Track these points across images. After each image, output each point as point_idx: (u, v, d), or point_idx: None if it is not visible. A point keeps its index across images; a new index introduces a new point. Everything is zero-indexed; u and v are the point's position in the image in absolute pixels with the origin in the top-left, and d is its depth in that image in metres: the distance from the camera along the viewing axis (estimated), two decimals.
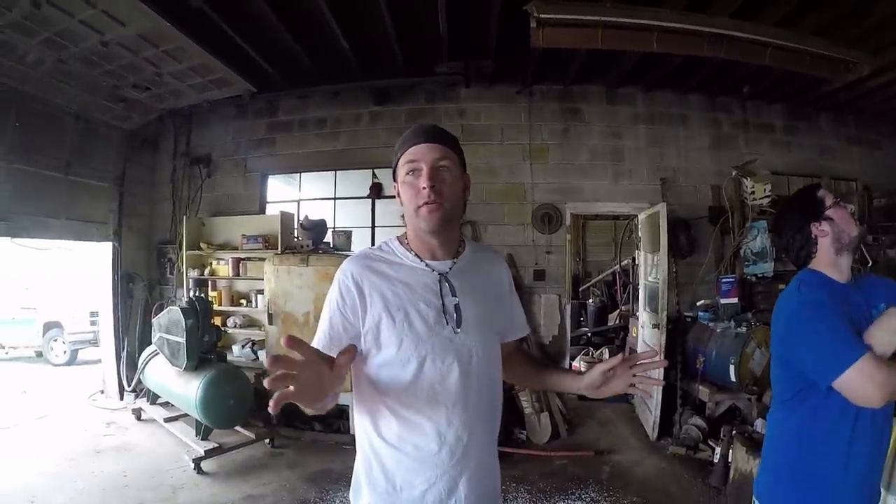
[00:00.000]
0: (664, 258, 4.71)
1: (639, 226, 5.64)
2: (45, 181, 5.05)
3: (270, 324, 4.96)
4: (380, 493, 1.18)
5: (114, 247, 5.86)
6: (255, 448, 4.49)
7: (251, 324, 5.80)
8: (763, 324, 4.32)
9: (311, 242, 5.18)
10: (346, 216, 6.29)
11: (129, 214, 6.09)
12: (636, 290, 6.22)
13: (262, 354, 5.35)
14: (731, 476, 3.41)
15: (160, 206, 6.44)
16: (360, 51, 4.96)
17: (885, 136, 6.39)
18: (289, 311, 4.87)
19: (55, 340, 8.66)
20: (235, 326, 5.77)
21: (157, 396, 5.10)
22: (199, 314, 4.40)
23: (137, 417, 5.21)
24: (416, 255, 1.25)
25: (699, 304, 5.09)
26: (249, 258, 5.73)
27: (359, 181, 6.14)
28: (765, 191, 5.06)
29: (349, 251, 5.32)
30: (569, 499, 3.66)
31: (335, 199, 6.28)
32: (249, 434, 4.55)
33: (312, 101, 6.06)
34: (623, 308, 7.93)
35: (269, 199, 6.37)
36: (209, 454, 4.13)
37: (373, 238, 6.04)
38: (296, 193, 6.58)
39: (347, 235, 5.62)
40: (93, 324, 8.19)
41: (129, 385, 5.71)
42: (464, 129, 5.59)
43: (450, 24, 4.37)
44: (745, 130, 5.95)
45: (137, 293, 6.09)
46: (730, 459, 3.54)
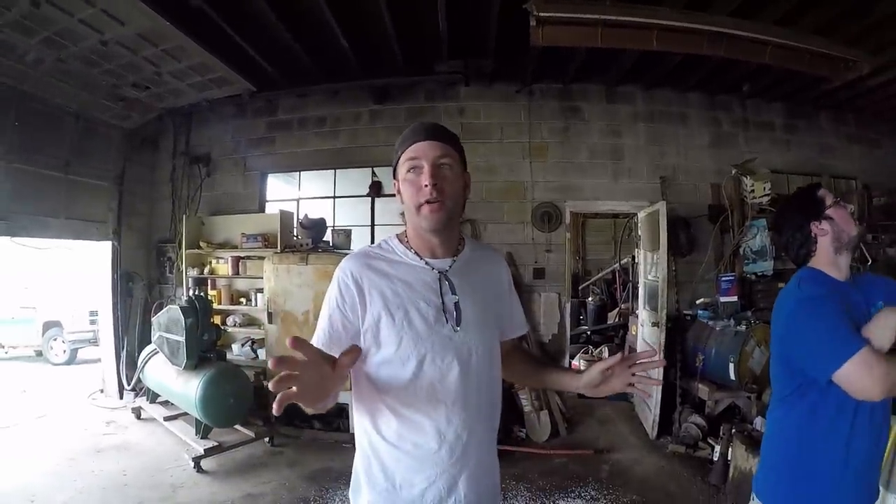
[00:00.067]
0: (664, 256, 4.71)
1: (638, 224, 5.64)
2: (45, 180, 5.04)
3: (270, 322, 4.97)
4: (379, 492, 1.18)
5: (113, 246, 5.86)
6: (255, 447, 4.49)
7: (251, 322, 5.79)
8: (763, 322, 4.32)
9: (311, 241, 5.17)
10: (346, 215, 6.29)
11: (129, 213, 6.09)
12: (636, 289, 6.22)
13: (262, 353, 5.36)
14: (731, 474, 3.41)
15: (160, 205, 6.44)
16: (360, 50, 4.95)
17: (885, 135, 6.39)
18: (288, 310, 4.87)
19: (55, 340, 8.64)
20: (235, 325, 5.76)
21: (157, 395, 5.10)
22: (199, 313, 4.40)
23: (137, 416, 5.22)
24: (416, 254, 1.25)
25: (699, 303, 5.09)
26: (249, 257, 5.73)
27: (358, 180, 6.14)
28: (764, 189, 5.07)
29: (349, 250, 5.31)
30: (568, 497, 3.66)
31: (335, 198, 6.28)
32: (249, 433, 4.56)
33: (312, 100, 6.06)
34: (622, 306, 7.95)
35: (269, 198, 6.37)
36: (209, 453, 4.13)
37: (372, 237, 6.03)
38: (295, 192, 6.59)
39: (347, 234, 5.62)
40: (92, 323, 8.18)
41: (129, 384, 5.71)
42: (463, 128, 5.58)
43: (449, 23, 4.36)
44: (745, 129, 5.94)
45: (137, 292, 6.09)
46: (729, 458, 3.55)
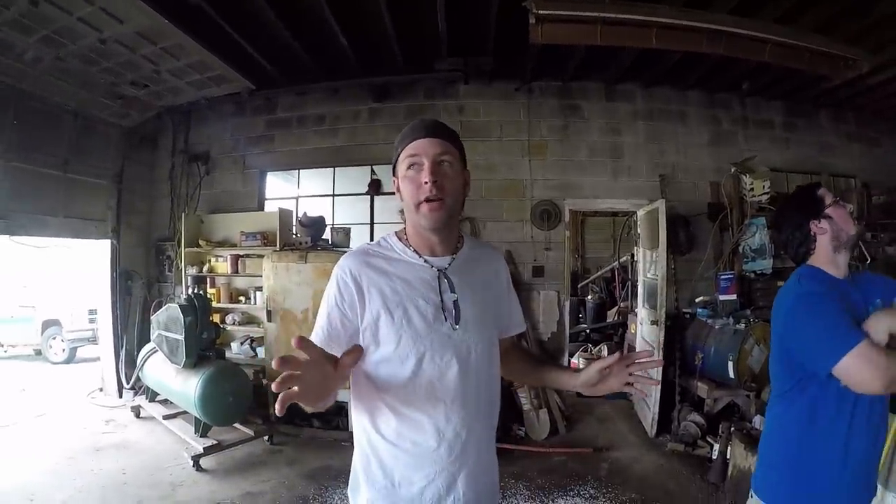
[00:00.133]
0: (663, 255, 4.71)
1: (637, 222, 5.64)
2: (44, 179, 5.04)
3: (269, 321, 4.96)
4: (378, 490, 1.18)
5: (112, 244, 5.85)
6: (254, 445, 4.49)
7: (250, 321, 5.80)
8: (762, 320, 4.32)
9: (310, 239, 5.16)
10: (345, 213, 6.29)
11: (128, 212, 6.08)
12: (635, 287, 6.23)
13: (261, 351, 5.35)
14: (730, 472, 3.42)
15: (159, 204, 6.43)
16: (360, 48, 4.95)
17: (885, 134, 6.39)
18: (287, 308, 4.86)
19: (54, 338, 8.64)
20: (234, 323, 5.76)
21: (156, 394, 5.10)
22: (198, 311, 4.39)
23: (136, 415, 5.21)
24: (415, 251, 1.24)
25: (698, 301, 5.08)
26: (248, 255, 5.72)
27: (357, 178, 6.14)
28: (764, 187, 5.06)
29: (348, 248, 5.30)
30: (567, 495, 3.66)
31: (334, 196, 6.27)
32: (248, 431, 4.55)
33: (311, 98, 6.05)
34: (622, 305, 7.96)
35: (268, 196, 6.37)
36: (208, 451, 4.13)
37: (371, 235, 6.03)
38: (294, 190, 6.58)
39: (346, 232, 5.61)
40: (91, 321, 8.18)
41: (128, 382, 5.71)
42: (463, 126, 5.56)
43: (449, 21, 4.35)
44: (745, 127, 5.94)
45: (136, 290, 6.09)
46: (728, 456, 3.55)
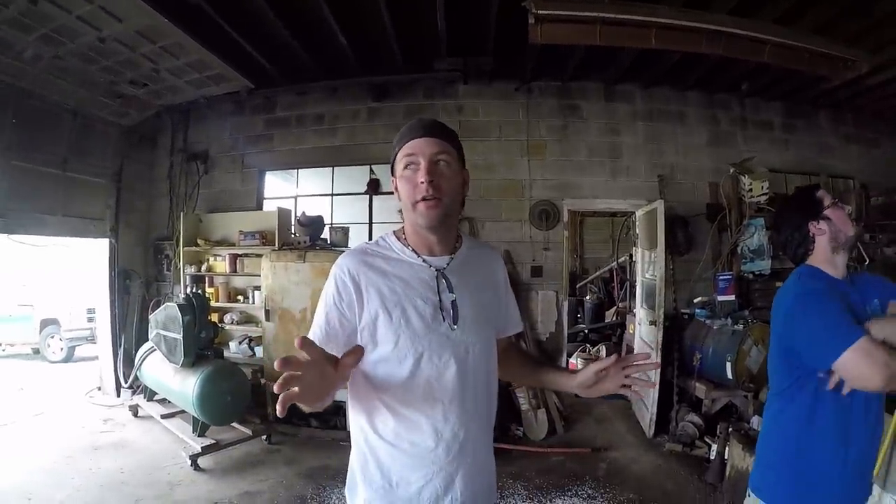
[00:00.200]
0: (661, 255, 4.71)
1: (636, 223, 5.63)
2: (42, 178, 5.03)
3: (267, 320, 4.96)
4: (376, 489, 1.17)
5: (111, 243, 5.84)
6: (252, 444, 4.49)
7: (248, 320, 5.79)
8: (760, 321, 4.32)
9: (309, 239, 5.16)
10: (344, 212, 6.28)
11: (127, 211, 6.07)
12: (633, 287, 6.22)
13: (259, 351, 5.35)
14: (728, 473, 3.42)
15: (157, 203, 6.42)
16: (359, 47, 4.94)
17: (884, 135, 6.40)
18: (286, 308, 4.86)
19: (52, 337, 8.63)
20: (232, 323, 5.75)
21: (154, 393, 5.09)
22: (196, 310, 4.39)
23: (134, 414, 5.20)
24: (414, 251, 1.24)
25: (696, 301, 5.09)
26: (246, 254, 5.72)
27: (356, 177, 6.13)
28: (762, 188, 5.07)
29: (346, 247, 5.30)
30: (565, 495, 3.66)
31: (332, 196, 6.27)
32: (246, 430, 4.55)
33: (310, 98, 6.04)
34: (620, 305, 7.96)
35: (267, 196, 6.36)
36: (206, 451, 4.13)
37: (370, 234, 6.02)
38: (293, 190, 6.59)
39: (345, 232, 5.61)
40: (90, 320, 8.15)
41: (126, 382, 5.70)
42: (462, 126, 5.56)
43: (448, 21, 4.35)
44: (744, 128, 5.94)
45: (134, 290, 6.08)
46: (726, 456, 3.56)
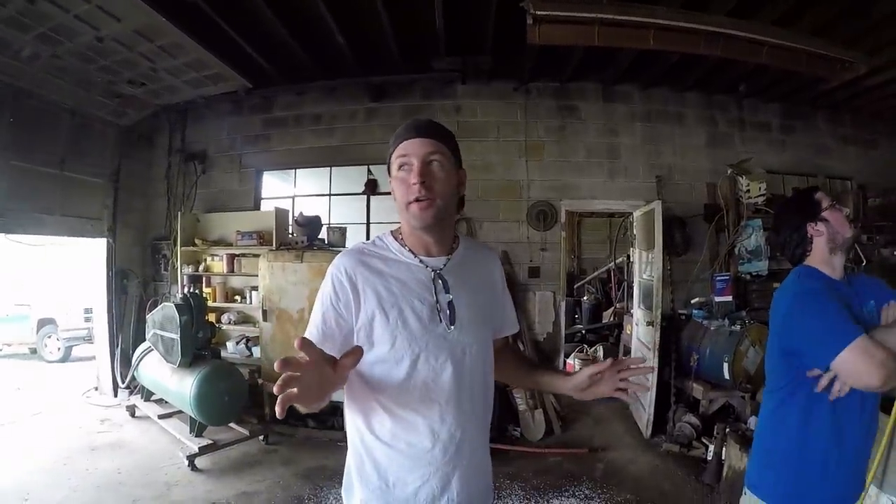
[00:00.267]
0: (659, 256, 4.71)
1: (634, 223, 5.63)
2: (40, 177, 5.01)
3: (265, 320, 4.95)
4: (372, 490, 1.17)
5: (108, 243, 5.83)
6: (250, 445, 4.48)
7: (245, 320, 5.79)
8: (757, 322, 4.33)
9: (306, 239, 5.15)
10: (341, 213, 6.28)
11: (124, 210, 6.05)
12: (631, 288, 6.22)
13: (257, 351, 5.34)
14: (725, 473, 3.42)
15: (155, 203, 6.41)
16: (357, 46, 4.94)
17: (882, 136, 6.41)
18: (283, 308, 4.85)
19: (49, 337, 8.60)
20: (230, 323, 5.75)
21: (152, 393, 5.08)
22: (194, 310, 4.38)
23: (131, 414, 5.19)
24: (411, 251, 1.24)
25: (693, 302, 5.10)
26: (244, 254, 5.71)
27: (354, 177, 6.13)
28: (760, 189, 5.07)
29: (344, 248, 5.29)
30: (562, 496, 3.66)
31: (330, 196, 6.27)
32: (243, 431, 4.54)
33: (308, 97, 6.04)
34: (618, 305, 7.97)
35: (264, 196, 6.35)
36: (203, 451, 4.12)
37: (367, 234, 6.02)
38: (291, 190, 6.58)
39: (342, 232, 5.61)
40: (87, 320, 8.13)
41: (124, 382, 5.68)
42: (460, 126, 5.56)
43: (447, 20, 4.35)
44: (742, 129, 5.96)
45: (132, 289, 6.07)
46: (723, 457, 3.56)
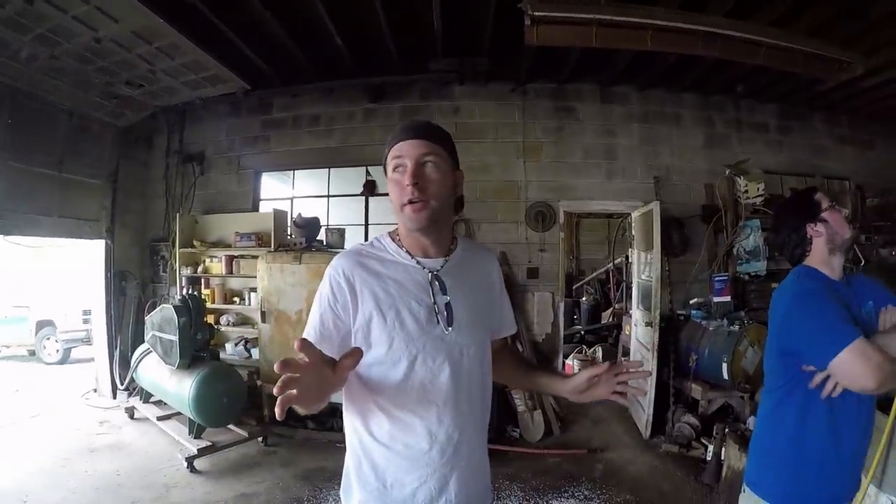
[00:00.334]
0: (657, 256, 4.71)
1: (632, 224, 5.65)
2: (38, 178, 5.00)
3: (263, 322, 4.95)
4: (370, 491, 1.17)
5: (106, 244, 5.82)
6: (249, 446, 4.48)
7: (244, 322, 5.78)
8: (756, 322, 4.34)
9: (305, 240, 5.15)
10: (340, 214, 6.28)
11: (122, 212, 6.04)
12: (629, 289, 6.23)
13: (255, 352, 5.34)
14: (724, 474, 3.43)
15: (153, 204, 6.40)
16: (355, 48, 4.95)
17: (879, 136, 6.42)
18: (282, 309, 4.85)
19: (48, 339, 8.58)
20: (228, 324, 5.75)
21: (150, 395, 5.07)
22: (192, 312, 4.38)
23: (130, 416, 5.18)
24: (408, 253, 1.24)
25: (692, 303, 5.11)
26: (243, 256, 5.71)
27: (352, 179, 6.13)
28: (758, 190, 5.09)
29: (342, 249, 5.28)
30: (562, 497, 3.66)
31: (329, 197, 6.27)
32: (242, 432, 4.54)
33: (306, 99, 6.04)
34: (616, 306, 7.97)
35: (263, 197, 6.35)
36: (202, 452, 4.11)
37: (366, 236, 6.01)
38: (289, 191, 6.58)
39: (341, 233, 5.60)
40: (85, 322, 8.12)
41: (122, 383, 5.67)
42: (458, 127, 5.56)
43: (444, 22, 4.36)
44: (739, 129, 5.96)
45: (130, 291, 6.06)
46: (722, 457, 3.57)
